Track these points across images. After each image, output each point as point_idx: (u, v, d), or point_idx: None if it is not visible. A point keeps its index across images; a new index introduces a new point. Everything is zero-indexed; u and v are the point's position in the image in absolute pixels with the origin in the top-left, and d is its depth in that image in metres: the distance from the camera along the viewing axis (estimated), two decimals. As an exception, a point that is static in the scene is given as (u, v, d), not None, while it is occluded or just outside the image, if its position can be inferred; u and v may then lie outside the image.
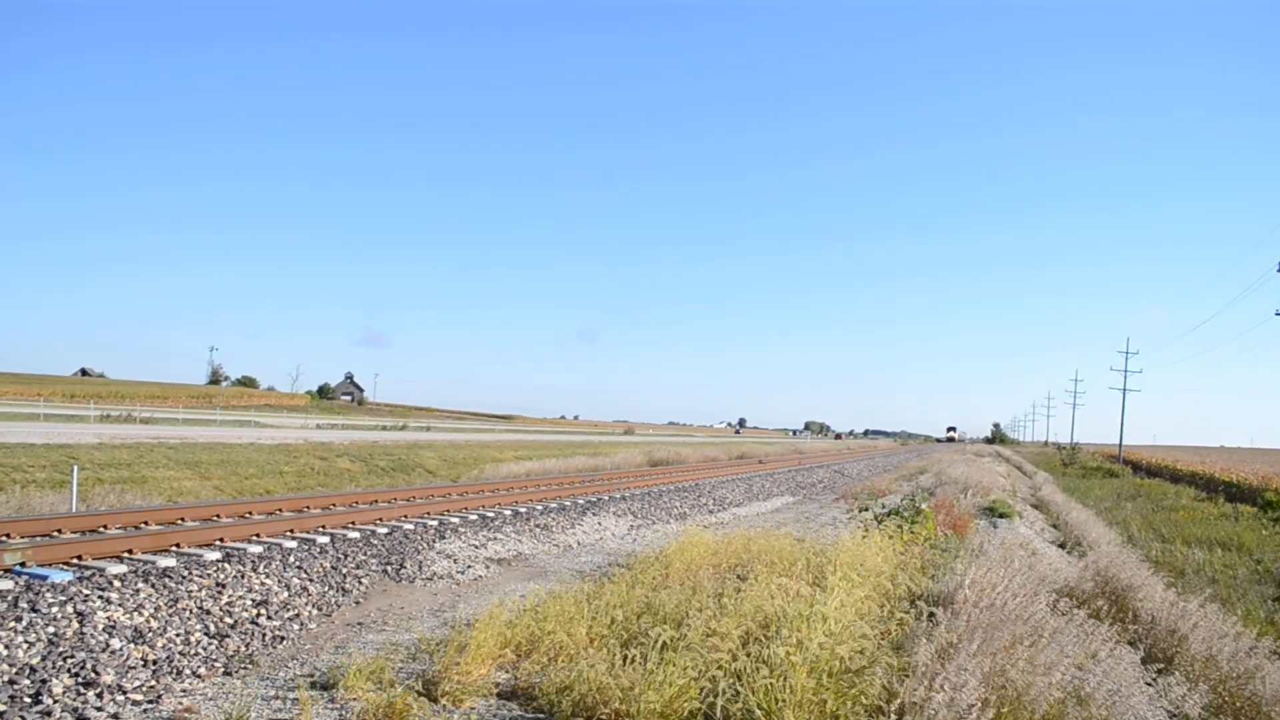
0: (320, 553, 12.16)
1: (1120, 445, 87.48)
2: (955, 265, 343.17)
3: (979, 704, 5.65)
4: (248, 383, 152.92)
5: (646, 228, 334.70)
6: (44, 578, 9.12)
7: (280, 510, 15.61)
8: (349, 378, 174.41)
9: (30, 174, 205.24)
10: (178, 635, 8.45)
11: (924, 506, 18.98)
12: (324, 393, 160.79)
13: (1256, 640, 9.76)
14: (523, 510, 18.23)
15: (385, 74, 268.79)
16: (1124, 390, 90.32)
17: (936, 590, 9.91)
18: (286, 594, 10.33)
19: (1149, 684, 7.96)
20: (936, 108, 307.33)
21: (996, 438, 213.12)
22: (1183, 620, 10.31)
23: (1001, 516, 23.35)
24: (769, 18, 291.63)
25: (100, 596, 8.81)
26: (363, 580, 11.59)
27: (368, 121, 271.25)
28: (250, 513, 15.07)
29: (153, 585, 9.45)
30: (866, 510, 20.19)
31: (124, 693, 7.04)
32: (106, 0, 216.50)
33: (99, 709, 6.67)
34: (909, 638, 7.27)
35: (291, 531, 13.32)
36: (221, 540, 12.20)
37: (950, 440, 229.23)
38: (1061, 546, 21.83)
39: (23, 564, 9.74)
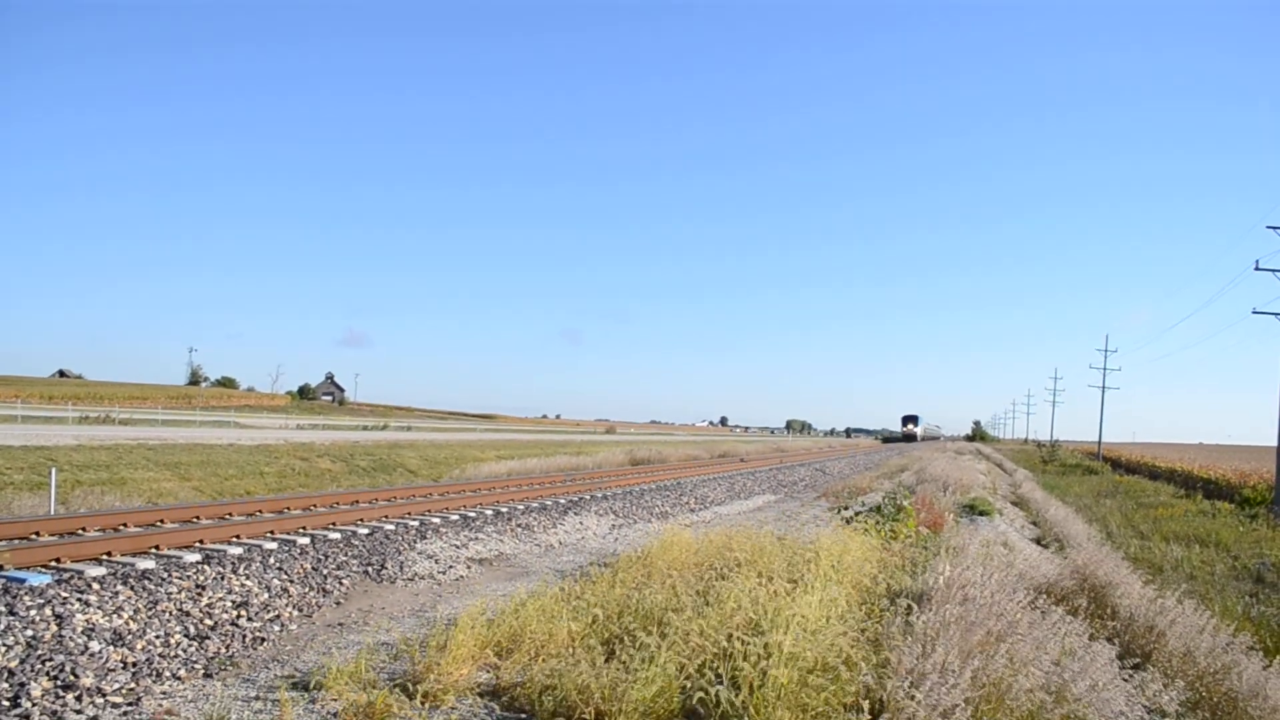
0: (301, 554, 12.13)
1: (1099, 442, 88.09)
2: (935, 264, 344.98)
3: (962, 703, 5.69)
4: (227, 383, 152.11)
5: (630, 228, 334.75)
6: (22, 580, 9.07)
7: (260, 511, 15.55)
8: (329, 378, 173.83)
9: (8, 178, 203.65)
10: (157, 637, 8.42)
11: (905, 504, 19.08)
12: (304, 393, 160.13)
13: (1233, 636, 9.85)
14: (504, 510, 18.23)
15: (365, 75, 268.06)
16: (1103, 388, 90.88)
17: (916, 587, 9.96)
18: (267, 595, 10.30)
19: (1126, 679, 8.02)
20: (917, 108, 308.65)
21: (977, 435, 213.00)
22: (1160, 617, 10.39)
23: (982, 514, 23.45)
24: (751, 18, 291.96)
25: (79, 599, 8.77)
26: (344, 581, 11.56)
27: (349, 122, 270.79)
28: (230, 514, 15.01)
29: (132, 588, 9.42)
30: (848, 508, 20.28)
31: (103, 695, 7.01)
32: (89, 9, 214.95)
33: (78, 712, 6.65)
34: (887, 634, 7.31)
35: (272, 533, 13.28)
36: (201, 542, 12.15)
37: (909, 438, 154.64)
38: (1041, 543, 21.97)
39: (0, 567, 9.67)
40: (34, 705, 6.64)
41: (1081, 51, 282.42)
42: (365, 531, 14.05)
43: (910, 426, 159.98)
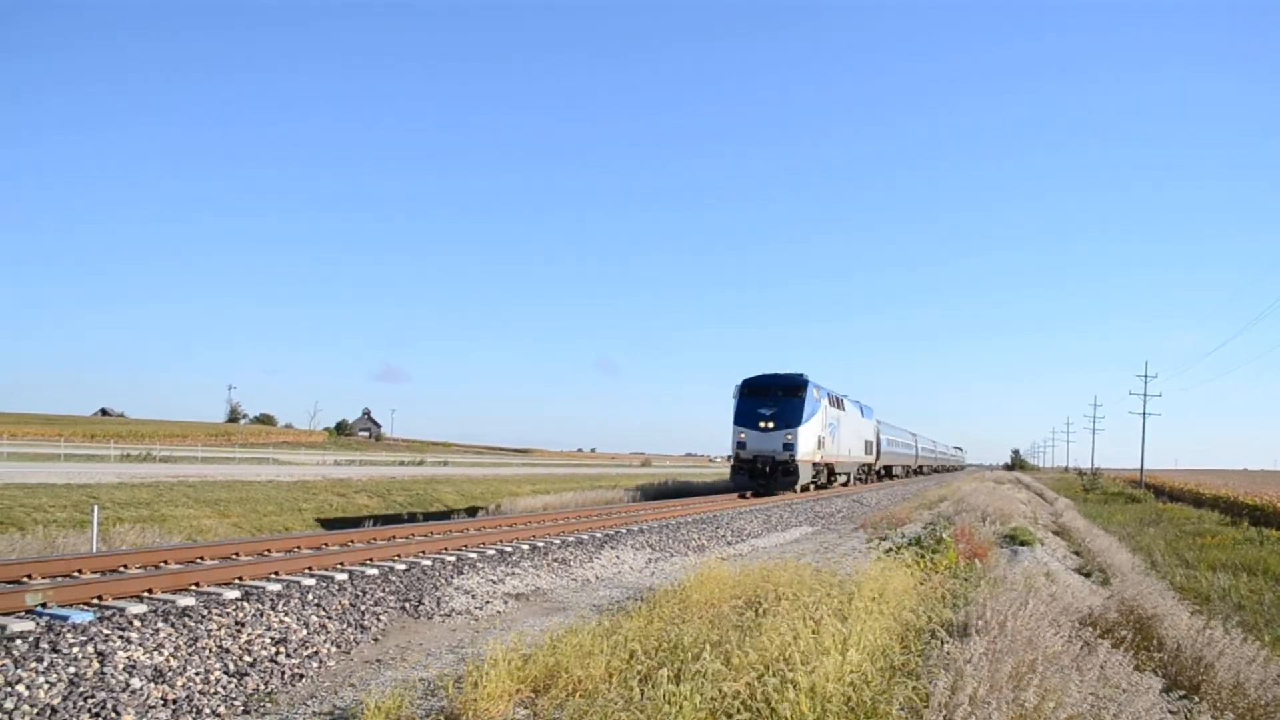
0: (339, 590, 12.17)
1: (1141, 470, 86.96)
2: (973, 289, 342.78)
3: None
4: (266, 420, 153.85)
5: (664, 255, 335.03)
6: (65, 618, 9.16)
7: (299, 547, 15.63)
8: (366, 414, 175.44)
9: (48, 209, 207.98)
10: (197, 674, 8.47)
11: (944, 535, 18.90)
12: (342, 429, 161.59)
13: (1285, 667, 9.66)
14: (540, 544, 18.20)
15: (401, 103, 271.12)
16: (1144, 414, 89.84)
17: (957, 620, 9.84)
18: (305, 631, 10.34)
19: (1173, 713, 7.87)
20: (955, 129, 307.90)
21: (1016, 464, 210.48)
22: (1208, 647, 10.20)
23: (1022, 544, 23.18)
24: (783, 44, 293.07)
25: (120, 636, 8.84)
26: (381, 617, 11.59)
27: (386, 152, 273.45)
28: (269, 550, 15.09)
29: (172, 624, 9.48)
30: (886, 539, 20.11)
31: (144, 733, 7.06)
32: (135, 30, 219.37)
33: (119, 750, 6.69)
34: (926, 667, 7.23)
35: (310, 569, 13.34)
36: (240, 578, 12.23)
37: (769, 472, 38.56)
38: (1084, 573, 21.67)
39: (44, 605, 9.78)
40: (76, 743, 6.69)
41: (1120, 73, 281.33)
42: (402, 567, 14.08)
43: (772, 432, 39.14)
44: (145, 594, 10.89)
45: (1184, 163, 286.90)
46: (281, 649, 9.65)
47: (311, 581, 12.31)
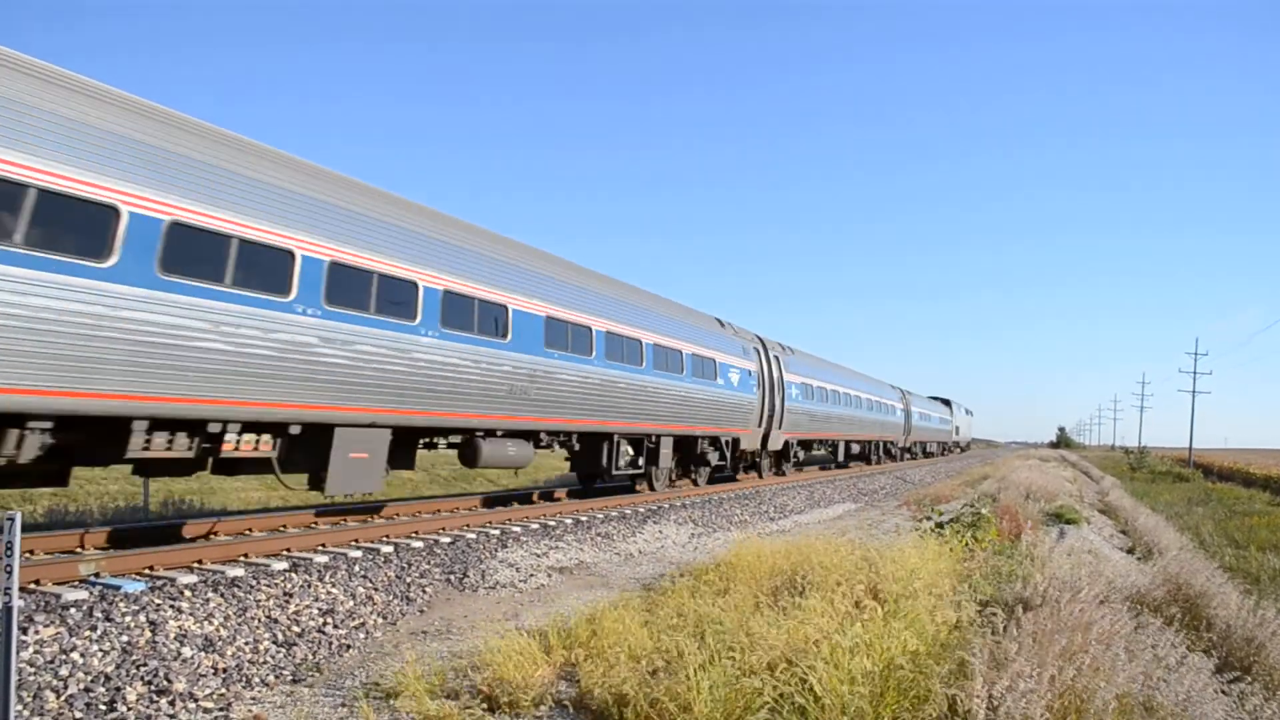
0: (385, 562, 12.31)
1: (1190, 448, 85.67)
2: (1023, 274, 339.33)
3: (1042, 712, 5.57)
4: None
5: (714, 234, 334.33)
6: (117, 588, 9.34)
7: (345, 520, 15.81)
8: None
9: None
10: (246, 644, 8.61)
11: (985, 512, 18.77)
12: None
13: (1337, 649, 9.50)
14: (584, 519, 18.29)
15: (393, 84, 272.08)
16: (1193, 393, 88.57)
17: (1000, 597, 9.78)
18: (352, 603, 10.47)
19: (1224, 693, 7.78)
20: (1007, 120, 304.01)
21: (1061, 442, 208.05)
22: (1260, 628, 10.05)
23: (1068, 522, 22.96)
24: (812, 31, 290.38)
25: (172, 606, 9.00)
26: (426, 589, 11.71)
27: (375, 136, 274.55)
28: (315, 523, 15.28)
29: (222, 595, 9.64)
30: (929, 518, 20.01)
31: (195, 700, 7.20)
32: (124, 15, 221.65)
33: (171, 716, 6.84)
34: (966, 644, 7.19)
35: (356, 541, 13.50)
36: (288, 550, 12.39)
37: None
38: (1130, 553, 21.41)
39: (97, 575, 9.97)
40: (129, 709, 6.84)
41: (1168, 76, 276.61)
42: (448, 540, 14.20)
43: None
44: (195, 565, 11.08)
45: (1229, 164, 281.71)
46: (329, 620, 9.79)
47: (358, 554, 12.46)
